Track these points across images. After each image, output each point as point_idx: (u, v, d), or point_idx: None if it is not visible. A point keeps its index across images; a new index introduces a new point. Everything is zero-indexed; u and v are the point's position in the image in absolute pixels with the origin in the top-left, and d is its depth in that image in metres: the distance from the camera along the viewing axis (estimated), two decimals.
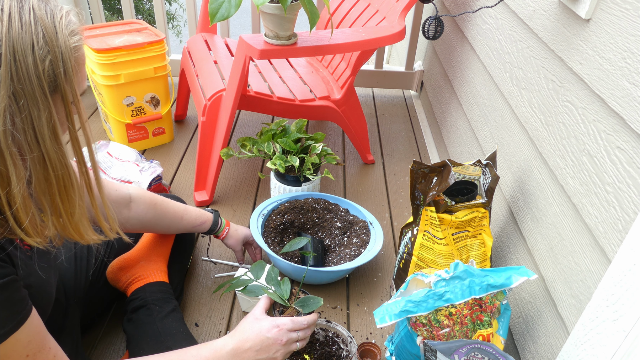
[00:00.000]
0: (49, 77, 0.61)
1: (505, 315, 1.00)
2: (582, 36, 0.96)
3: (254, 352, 0.90)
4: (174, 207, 1.17)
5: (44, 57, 0.60)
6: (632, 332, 0.67)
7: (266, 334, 0.92)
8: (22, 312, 0.67)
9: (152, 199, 1.12)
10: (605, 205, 0.84)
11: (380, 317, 0.94)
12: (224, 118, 1.51)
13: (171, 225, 1.17)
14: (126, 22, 1.88)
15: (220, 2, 1.21)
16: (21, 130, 0.60)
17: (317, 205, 1.48)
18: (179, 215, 1.18)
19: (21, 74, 0.59)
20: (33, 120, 0.60)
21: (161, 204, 1.14)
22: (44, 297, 0.79)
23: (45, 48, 0.60)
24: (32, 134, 0.61)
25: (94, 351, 1.13)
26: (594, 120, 0.90)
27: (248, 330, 0.92)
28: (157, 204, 1.13)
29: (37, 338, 0.70)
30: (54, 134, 0.63)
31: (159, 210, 1.13)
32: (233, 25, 2.98)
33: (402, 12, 1.58)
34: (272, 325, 0.93)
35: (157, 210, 1.13)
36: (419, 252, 1.17)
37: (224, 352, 0.89)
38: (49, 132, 0.62)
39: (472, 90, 1.65)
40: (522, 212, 1.17)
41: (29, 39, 0.59)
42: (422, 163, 1.14)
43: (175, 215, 1.17)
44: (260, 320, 0.94)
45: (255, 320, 0.94)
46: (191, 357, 0.87)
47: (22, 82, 0.59)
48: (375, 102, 2.46)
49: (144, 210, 1.10)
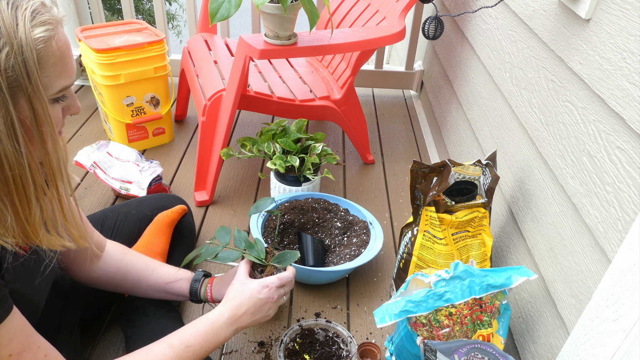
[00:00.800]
0: (5, 71, 0.58)
1: (505, 315, 1.00)
2: (582, 36, 0.96)
3: (249, 315, 0.92)
4: (146, 259, 1.06)
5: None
6: (632, 332, 0.67)
7: (258, 295, 0.92)
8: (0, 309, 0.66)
9: (123, 247, 1.05)
10: (605, 205, 0.84)
11: (380, 317, 0.94)
12: (224, 118, 1.51)
13: (140, 279, 1.03)
14: (126, 22, 1.88)
15: (220, 2, 1.21)
16: None
17: (317, 205, 1.48)
18: (150, 268, 1.04)
19: None
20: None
21: (132, 252, 1.05)
22: (28, 305, 0.77)
23: (1, 40, 0.57)
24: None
25: (93, 351, 1.13)
26: (594, 120, 0.90)
27: (239, 296, 0.92)
28: (127, 252, 1.05)
29: (21, 337, 0.69)
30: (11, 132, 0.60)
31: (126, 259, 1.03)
32: (233, 25, 2.98)
33: (402, 12, 1.58)
34: (261, 286, 0.93)
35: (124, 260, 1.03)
36: (419, 252, 1.17)
37: (222, 322, 0.89)
38: (6, 130, 0.59)
39: (472, 90, 1.65)
40: (522, 212, 1.17)
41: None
42: (422, 163, 1.14)
43: (147, 267, 1.04)
44: (248, 284, 0.93)
45: (243, 285, 0.93)
46: (190, 335, 0.86)
47: None
48: (375, 102, 2.46)
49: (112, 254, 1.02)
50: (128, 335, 1.07)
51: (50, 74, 0.63)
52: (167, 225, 1.25)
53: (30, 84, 0.60)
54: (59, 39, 0.64)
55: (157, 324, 1.05)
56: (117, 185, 1.57)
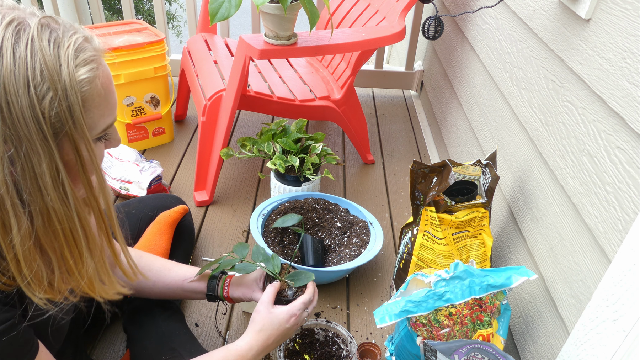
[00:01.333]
0: (49, 118, 0.54)
1: (505, 315, 1.00)
2: (582, 36, 0.96)
3: (276, 343, 0.94)
4: (161, 259, 1.07)
5: (42, 96, 0.53)
6: (632, 332, 0.67)
7: (285, 325, 0.93)
8: (27, 354, 0.64)
9: (135, 250, 1.05)
10: (605, 205, 0.84)
11: (380, 317, 0.94)
12: (224, 118, 1.51)
13: (158, 279, 1.02)
14: (126, 22, 1.88)
15: (220, 2, 1.21)
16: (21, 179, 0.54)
17: (317, 205, 1.48)
18: (167, 267, 1.04)
19: (15, 117, 0.51)
20: (34, 167, 0.54)
21: (147, 254, 1.06)
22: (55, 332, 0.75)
23: (44, 85, 0.53)
24: (33, 183, 0.54)
25: (93, 351, 1.13)
26: (594, 120, 0.90)
27: (268, 327, 0.92)
28: (142, 254, 1.04)
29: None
30: (58, 183, 0.56)
31: (142, 262, 1.02)
32: (233, 25, 2.98)
33: (402, 12, 1.58)
34: (289, 316, 0.94)
35: (140, 263, 1.01)
36: (419, 252, 1.17)
37: (251, 356, 0.89)
38: (52, 181, 0.55)
39: (472, 90, 1.65)
40: (522, 212, 1.17)
41: (22, 76, 0.52)
42: (422, 163, 1.14)
43: (163, 267, 1.04)
44: (277, 314, 0.93)
45: (271, 314, 0.93)
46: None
47: (16, 126, 0.52)
48: (375, 102, 2.46)
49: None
50: (132, 334, 1.07)
51: (94, 114, 0.59)
52: (169, 225, 1.25)
53: (76, 128, 0.56)
54: (102, 76, 0.60)
55: (165, 327, 1.05)
56: (117, 185, 1.57)
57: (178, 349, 0.99)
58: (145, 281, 1.00)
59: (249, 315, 1.26)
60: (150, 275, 1.01)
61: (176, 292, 1.04)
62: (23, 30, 0.53)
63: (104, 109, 0.61)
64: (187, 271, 1.04)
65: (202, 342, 1.17)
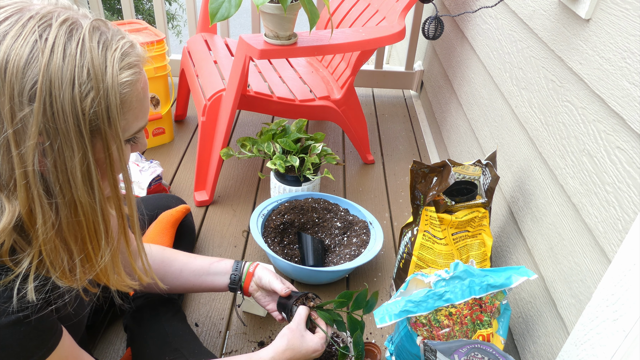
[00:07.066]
0: (88, 116, 0.56)
1: (505, 315, 1.00)
2: (582, 36, 0.96)
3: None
4: (183, 252, 1.08)
5: (85, 94, 0.55)
6: (632, 332, 0.67)
7: (316, 348, 0.94)
8: (51, 339, 0.66)
9: (156, 246, 1.07)
10: (605, 205, 0.84)
11: (380, 317, 0.94)
12: (224, 118, 1.51)
13: (184, 267, 1.04)
14: (126, 22, 1.88)
15: (220, 2, 1.21)
16: (52, 171, 0.56)
17: (317, 205, 1.48)
18: (192, 256, 1.07)
19: (56, 111, 0.54)
20: (66, 161, 0.56)
21: (168, 248, 1.08)
22: (76, 324, 0.78)
23: (88, 84, 0.55)
24: (64, 176, 0.56)
25: (94, 351, 1.13)
26: (594, 120, 0.90)
27: (297, 350, 0.92)
28: (164, 247, 1.07)
29: (70, 358, 0.71)
30: (87, 178, 0.58)
31: (167, 253, 1.05)
32: (233, 25, 2.98)
33: (402, 12, 1.58)
34: (320, 340, 0.95)
35: (165, 253, 1.05)
36: (419, 252, 1.17)
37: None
38: (81, 175, 0.57)
39: (472, 90, 1.65)
40: (522, 212, 1.17)
41: (70, 72, 0.54)
42: (422, 163, 1.14)
43: (188, 256, 1.06)
44: (308, 339, 0.94)
45: (303, 338, 0.94)
46: None
47: (56, 119, 0.54)
48: (375, 102, 2.46)
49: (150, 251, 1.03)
50: (134, 332, 1.07)
51: (129, 117, 0.62)
52: (171, 224, 1.25)
53: (110, 129, 0.58)
54: (142, 81, 0.63)
55: (169, 326, 1.04)
56: None
57: (181, 350, 0.99)
58: (171, 269, 1.02)
59: (249, 315, 1.26)
60: (176, 263, 1.03)
61: (201, 278, 1.05)
62: (76, 30, 0.56)
63: (138, 113, 0.63)
64: (212, 258, 1.07)
65: (202, 342, 1.17)
